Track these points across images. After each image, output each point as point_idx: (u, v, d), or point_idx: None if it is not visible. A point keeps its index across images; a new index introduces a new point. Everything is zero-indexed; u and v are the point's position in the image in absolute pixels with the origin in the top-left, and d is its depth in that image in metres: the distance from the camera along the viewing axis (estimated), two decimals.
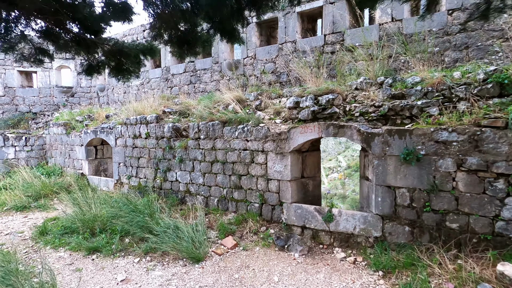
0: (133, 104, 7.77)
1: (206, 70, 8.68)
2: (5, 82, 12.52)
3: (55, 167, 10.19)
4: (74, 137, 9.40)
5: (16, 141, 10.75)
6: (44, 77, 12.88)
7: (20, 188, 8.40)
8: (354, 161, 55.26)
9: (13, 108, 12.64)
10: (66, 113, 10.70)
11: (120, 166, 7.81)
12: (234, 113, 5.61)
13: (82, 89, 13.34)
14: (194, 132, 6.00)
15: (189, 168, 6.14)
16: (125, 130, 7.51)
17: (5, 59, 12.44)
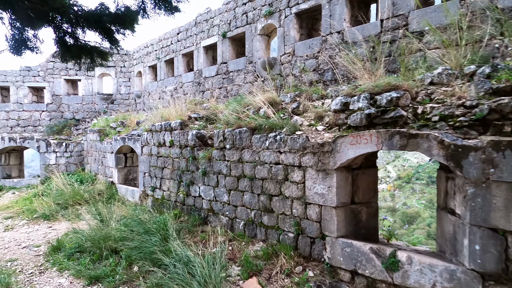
0: (160, 109, 7.23)
1: (239, 72, 7.88)
2: (53, 90, 13.18)
3: (89, 174, 10.19)
4: (106, 144, 9.25)
5: (57, 147, 11.06)
6: (87, 84, 13.32)
7: (53, 195, 8.36)
8: (406, 171, 50.62)
9: (59, 115, 13.24)
10: (102, 120, 10.73)
11: (145, 176, 7.28)
12: (265, 118, 4.63)
13: (121, 96, 13.55)
14: (218, 140, 5.13)
15: (213, 183, 5.28)
16: (151, 137, 6.97)
17: (54, 68, 13.11)
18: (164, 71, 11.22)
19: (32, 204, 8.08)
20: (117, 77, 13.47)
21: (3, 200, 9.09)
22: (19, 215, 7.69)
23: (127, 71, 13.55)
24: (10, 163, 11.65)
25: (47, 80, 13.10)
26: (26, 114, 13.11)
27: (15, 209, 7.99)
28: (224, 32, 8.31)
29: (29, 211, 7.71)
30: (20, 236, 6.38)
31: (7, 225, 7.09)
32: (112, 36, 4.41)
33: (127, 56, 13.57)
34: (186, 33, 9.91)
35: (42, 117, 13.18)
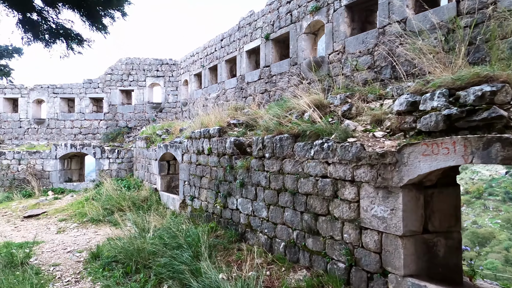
0: (200, 116, 7.04)
1: (282, 75, 7.35)
2: (110, 100, 14.17)
3: (136, 180, 10.51)
4: (151, 151, 9.42)
5: (110, 154, 11.71)
6: (139, 94, 14.06)
7: (102, 199, 8.70)
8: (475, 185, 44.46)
9: (114, 123, 14.15)
10: (150, 128, 11.06)
11: (185, 184, 7.10)
12: (310, 123, 3.99)
13: (169, 105, 14.01)
14: (257, 148, 4.63)
15: (251, 195, 4.77)
16: (190, 144, 6.78)
17: (111, 80, 14.12)
18: (208, 78, 11.24)
19: (83, 208, 8.49)
20: (166, 86, 13.99)
21: (62, 202, 9.78)
22: (71, 217, 8.11)
23: (174, 80, 14.00)
24: (72, 168, 12.68)
25: (105, 91, 14.15)
26: (87, 123, 14.29)
27: (69, 212, 8.46)
28: (267, 34, 7.90)
29: (80, 215, 8.08)
30: (68, 239, 6.60)
31: (60, 227, 7.47)
32: (99, 21, 3.90)
33: (175, 66, 14.04)
34: (229, 38, 9.77)
35: (100, 125, 14.23)
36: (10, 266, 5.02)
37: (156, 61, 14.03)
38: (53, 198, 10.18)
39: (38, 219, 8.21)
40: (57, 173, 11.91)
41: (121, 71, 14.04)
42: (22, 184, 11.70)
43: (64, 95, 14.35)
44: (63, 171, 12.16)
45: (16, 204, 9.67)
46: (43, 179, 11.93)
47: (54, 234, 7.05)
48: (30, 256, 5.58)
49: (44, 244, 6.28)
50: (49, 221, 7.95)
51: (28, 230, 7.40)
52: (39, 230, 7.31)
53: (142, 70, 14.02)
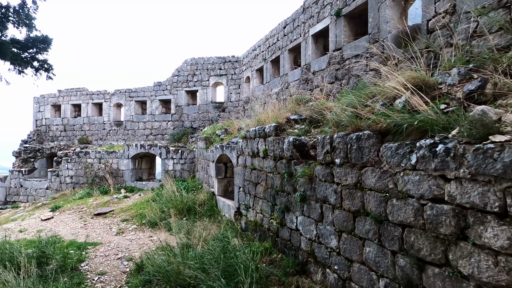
0: (256, 112, 6.10)
1: (358, 57, 5.86)
2: (177, 101, 14.51)
3: (197, 182, 10.23)
4: (210, 152, 8.93)
5: (174, 154, 11.80)
6: (203, 94, 14.03)
7: (162, 201, 8.55)
8: None
9: (180, 124, 14.44)
10: (210, 128, 10.70)
11: (240, 191, 6.25)
12: (408, 112, 2.60)
13: (231, 104, 13.60)
14: (324, 151, 3.39)
15: (315, 214, 3.56)
16: (245, 145, 5.89)
17: (177, 82, 14.44)
18: (270, 72, 10.29)
19: (144, 209, 8.46)
20: (228, 85, 13.62)
21: (129, 201, 10.12)
22: (132, 218, 8.12)
23: (237, 78, 13.52)
24: (142, 167, 13.31)
25: (172, 93, 14.56)
26: (156, 124, 14.94)
27: (132, 212, 8.54)
28: (338, 9, 6.49)
29: (140, 216, 8.02)
30: (124, 243, 6.43)
31: (120, 228, 7.48)
32: None
33: (237, 63, 13.56)
34: (293, 24, 8.62)
35: (168, 126, 14.71)
36: (61, 270, 4.90)
37: (219, 59, 13.78)
38: (123, 197, 10.64)
39: (105, 217, 8.48)
40: (129, 172, 12.60)
41: (186, 72, 14.24)
42: (101, 181, 12.73)
43: (138, 98, 15.31)
44: (134, 170, 12.81)
45: (92, 200, 10.38)
46: (118, 177, 12.78)
47: (113, 235, 7.03)
48: (83, 260, 5.47)
49: (100, 247, 6.21)
50: (113, 221, 8.10)
51: (93, 228, 7.61)
52: (102, 230, 7.43)
53: (206, 69, 13.95)
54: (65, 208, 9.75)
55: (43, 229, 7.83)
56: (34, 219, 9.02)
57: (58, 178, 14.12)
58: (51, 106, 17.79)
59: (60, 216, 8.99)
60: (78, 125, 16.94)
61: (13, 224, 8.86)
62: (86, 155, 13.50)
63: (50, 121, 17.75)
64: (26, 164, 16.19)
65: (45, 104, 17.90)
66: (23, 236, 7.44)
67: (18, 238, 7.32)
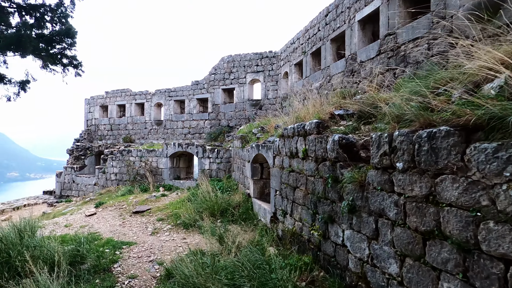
0: (295, 108, 5.53)
1: (417, 41, 4.96)
2: (214, 100, 14.42)
3: (233, 182, 9.93)
4: (245, 151, 8.55)
5: (210, 153, 11.66)
6: (240, 92, 13.74)
7: (197, 202, 8.37)
8: None
9: (217, 123, 14.33)
10: (247, 126, 10.33)
11: (276, 194, 5.74)
12: (509, 99, 1.85)
13: (268, 101, 13.11)
14: (380, 152, 2.73)
15: (368, 229, 2.91)
16: (282, 145, 5.36)
17: (214, 80, 14.34)
18: (310, 65, 9.59)
19: (179, 208, 8.35)
20: (265, 82, 13.14)
21: (166, 200, 10.16)
22: (168, 218, 8.04)
23: (274, 74, 12.99)
24: (180, 166, 13.44)
25: (210, 91, 14.51)
26: (194, 123, 15.02)
27: (168, 212, 8.48)
28: None
29: (175, 216, 7.91)
30: (157, 244, 6.30)
31: (155, 228, 7.41)
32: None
33: (274, 59, 13.02)
34: (336, 11, 7.84)
35: (205, 125, 14.70)
36: (94, 271, 4.84)
37: (256, 55, 13.37)
38: (161, 195, 10.75)
39: (142, 215, 8.54)
40: (167, 170, 12.78)
41: (223, 70, 14.07)
42: (142, 179, 13.10)
43: (177, 97, 15.55)
44: (172, 168, 12.96)
45: (132, 198, 10.64)
46: (157, 175, 13.04)
47: (148, 235, 6.97)
48: (117, 260, 5.39)
49: (134, 247, 6.14)
50: (149, 220, 8.11)
51: (130, 226, 7.66)
52: (138, 229, 7.44)
53: (243, 66, 13.64)
54: (108, 204, 10.09)
55: (86, 225, 8.09)
56: (80, 214, 9.44)
57: (104, 175, 14.90)
58: (99, 107, 18.94)
59: (102, 213, 9.29)
60: (123, 124, 17.77)
61: (62, 218, 9.37)
62: (128, 153, 14.02)
63: (98, 121, 18.90)
64: (77, 161, 17.43)
65: (95, 105, 19.11)
66: (67, 231, 7.75)
67: (63, 233, 7.63)
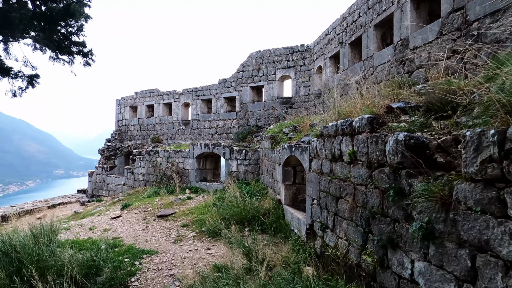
0: (336, 103, 4.73)
1: (495, 15, 3.92)
2: (241, 98, 13.86)
3: (261, 186, 9.25)
4: (275, 153, 7.83)
5: (238, 154, 11.09)
6: (269, 89, 13.03)
7: (223, 207, 7.80)
8: None
9: (245, 123, 13.75)
10: (277, 125, 9.61)
11: (313, 204, 4.97)
12: None
13: (300, 98, 12.27)
14: (480, 157, 1.88)
15: (459, 267, 2.07)
16: (321, 146, 4.58)
17: (242, 78, 13.77)
18: (348, 57, 8.65)
19: (205, 214, 7.84)
20: (297, 78, 12.32)
21: (192, 203, 9.73)
22: (193, 224, 7.55)
23: (306, 69, 12.13)
24: (207, 167, 13.02)
25: (237, 90, 13.97)
26: (221, 122, 14.57)
27: (193, 217, 8.01)
28: None
29: (200, 222, 7.40)
30: (180, 254, 5.80)
31: (179, 234, 6.94)
32: None
33: (307, 53, 12.16)
34: None
35: (233, 124, 14.18)
36: (109, 285, 4.39)
37: (286, 50, 12.60)
38: (186, 198, 10.36)
39: (166, 220, 8.14)
40: (194, 171, 12.42)
41: (251, 67, 13.47)
42: (168, 180, 12.86)
43: (204, 96, 15.21)
44: (199, 170, 12.58)
45: (157, 200, 10.35)
46: (184, 177, 12.73)
47: (171, 243, 6.50)
48: (135, 272, 4.93)
49: (155, 256, 5.67)
50: (173, 225, 7.67)
51: (153, 232, 7.26)
52: (161, 235, 7.01)
53: (272, 62, 12.93)
54: (133, 207, 9.87)
55: (109, 229, 7.84)
56: (106, 216, 9.29)
57: (132, 176, 14.94)
58: (129, 107, 19.22)
59: (127, 215, 9.05)
60: (151, 124, 17.83)
61: (88, 219, 9.27)
62: (155, 154, 13.89)
63: (128, 122, 19.18)
64: (108, 161, 17.77)
65: (125, 105, 19.42)
66: (91, 234, 7.54)
67: (86, 236, 7.43)
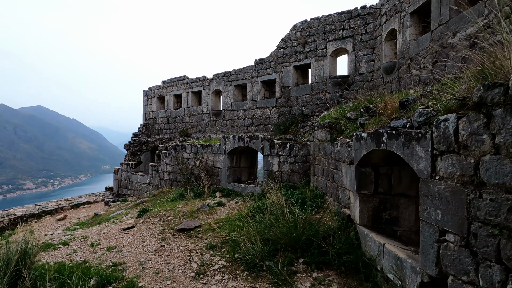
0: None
1: None
2: (282, 81, 11.66)
3: (314, 192, 7.01)
4: (340, 146, 5.55)
5: (280, 150, 8.94)
6: (317, 68, 10.65)
7: (265, 221, 5.73)
8: None
9: (287, 111, 11.54)
10: (336, 110, 7.28)
11: (446, 242, 2.66)
12: None
13: (360, 77, 9.73)
14: None
15: None
16: (466, 127, 2.23)
17: (284, 56, 11.55)
18: (450, 2, 6.03)
19: (239, 231, 5.83)
20: (356, 51, 9.79)
21: (223, 211, 7.81)
22: (222, 245, 5.58)
23: (370, 38, 9.55)
24: (241, 166, 11.05)
25: (277, 71, 11.78)
26: (258, 111, 12.52)
27: (223, 234, 6.03)
28: None
29: (233, 244, 5.41)
30: None
31: (202, 263, 5.00)
32: None
33: (370, 16, 9.56)
34: None
35: (272, 113, 12.05)
36: None
37: (341, 15, 10.10)
38: (216, 204, 8.47)
39: (188, 236, 6.28)
40: (225, 171, 10.52)
41: (295, 41, 11.18)
42: (196, 180, 11.13)
43: (237, 81, 13.26)
44: (232, 168, 10.65)
45: (181, 206, 8.60)
46: (213, 177, 10.90)
47: (190, 277, 4.59)
48: None
49: None
50: (196, 245, 5.77)
51: (169, 256, 5.41)
52: (178, 262, 5.13)
53: (322, 33, 10.52)
54: (152, 214, 8.21)
55: (115, 246, 6.17)
56: (117, 225, 7.71)
57: (157, 174, 13.51)
58: (156, 98, 17.95)
59: (142, 226, 7.37)
60: (179, 116, 16.35)
61: (95, 230, 7.77)
62: (182, 149, 12.26)
63: (156, 114, 17.93)
64: (134, 157, 16.64)
65: (152, 96, 18.20)
66: (90, 253, 5.92)
67: (84, 256, 5.81)
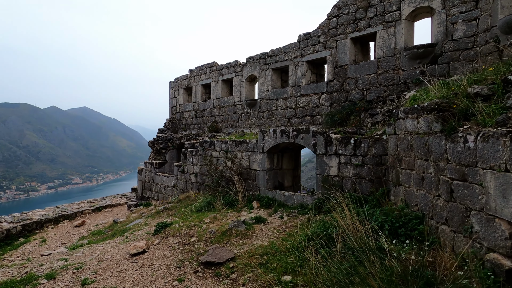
0: None
1: None
2: (335, 59, 9.36)
3: (405, 211, 4.71)
4: (474, 142, 3.26)
5: (340, 147, 6.72)
6: (386, 38, 8.23)
7: (336, 263, 3.62)
8: None
9: (342, 97, 9.24)
10: (436, 87, 4.94)
11: None
12: None
13: (454, 44, 7.17)
14: None
15: None
16: None
17: (337, 26, 9.24)
18: None
19: (296, 271, 3.78)
20: (446, 8, 7.24)
21: (264, 231, 5.80)
22: None
23: None
24: (283, 167, 8.99)
25: (328, 46, 9.51)
26: (303, 99, 10.34)
27: (270, 277, 4.00)
28: None
29: None
30: None
31: None
32: None
33: None
34: None
35: (321, 101, 9.82)
36: None
37: None
38: (255, 220, 6.50)
39: (217, 275, 4.35)
40: (264, 174, 8.52)
41: (354, 6, 8.83)
42: (227, 185, 9.26)
43: (276, 64, 11.17)
44: (272, 171, 8.62)
45: (208, 221, 6.74)
46: (249, 180, 8.96)
47: None
48: None
49: None
50: None
51: None
52: None
53: None
54: (171, 231, 6.43)
55: (114, 287, 4.41)
56: (126, 248, 6.02)
57: (183, 176, 11.88)
58: (183, 89, 16.42)
59: (156, 251, 5.59)
60: (208, 109, 14.64)
61: (100, 250, 6.14)
62: (210, 146, 10.46)
63: (183, 107, 16.42)
64: (158, 156, 15.24)
65: (179, 88, 16.71)
66: None
67: None
